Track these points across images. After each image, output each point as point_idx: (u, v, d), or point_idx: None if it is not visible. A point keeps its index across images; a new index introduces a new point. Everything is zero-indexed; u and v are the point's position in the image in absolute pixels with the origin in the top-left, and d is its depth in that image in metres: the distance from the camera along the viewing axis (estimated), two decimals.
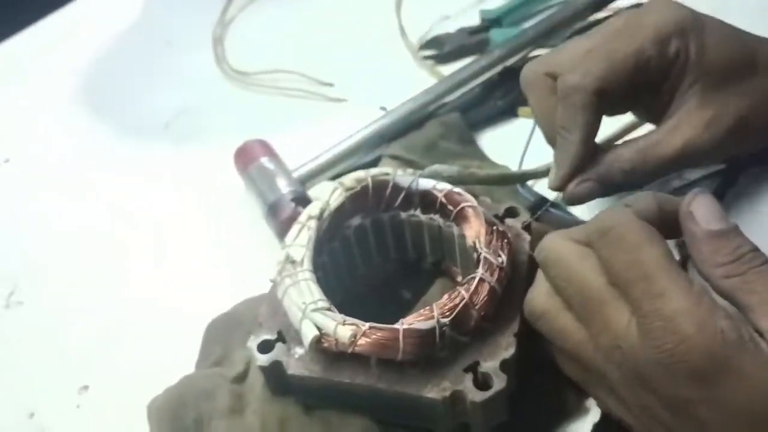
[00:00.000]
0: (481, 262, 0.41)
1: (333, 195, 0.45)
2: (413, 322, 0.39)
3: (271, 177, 0.57)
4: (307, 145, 0.61)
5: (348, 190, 0.46)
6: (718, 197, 0.49)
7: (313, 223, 0.44)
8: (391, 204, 0.46)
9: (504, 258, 0.41)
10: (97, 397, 0.51)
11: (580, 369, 0.38)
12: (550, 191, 0.46)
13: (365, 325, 0.39)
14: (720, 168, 0.52)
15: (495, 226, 0.42)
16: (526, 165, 0.50)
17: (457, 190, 0.44)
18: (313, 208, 0.45)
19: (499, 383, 0.38)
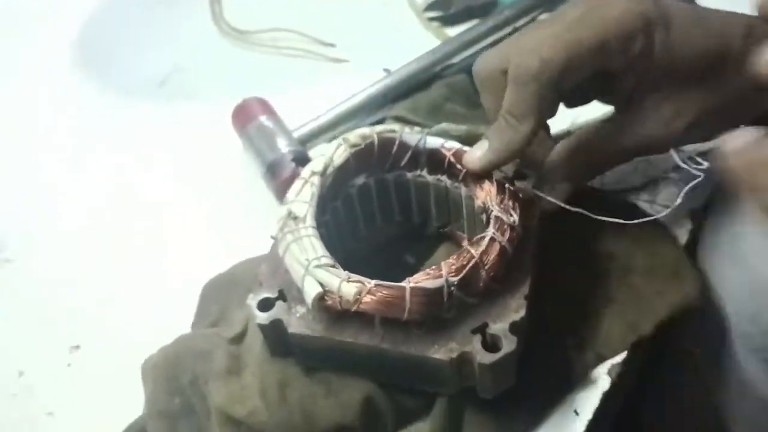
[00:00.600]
0: (492, 221, 0.39)
1: (337, 151, 0.44)
2: (420, 280, 0.37)
3: (271, 136, 0.56)
4: (306, 107, 0.60)
5: (353, 146, 0.44)
6: None
7: (316, 179, 0.43)
8: (397, 163, 0.45)
9: (516, 218, 0.39)
10: (89, 357, 0.50)
11: None
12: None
13: (371, 283, 0.37)
14: None
15: (506, 185, 0.41)
16: None
17: (466, 149, 0.43)
18: (317, 163, 0.43)
19: (508, 345, 0.37)
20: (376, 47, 0.66)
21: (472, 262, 0.38)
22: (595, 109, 0.46)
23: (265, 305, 0.40)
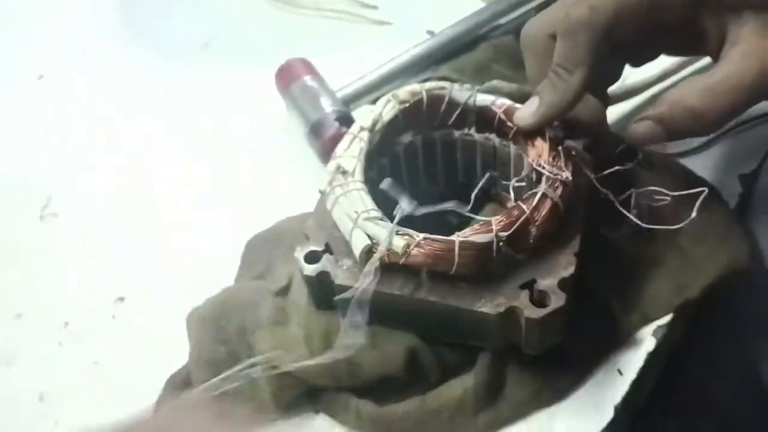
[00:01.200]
0: (543, 178, 0.39)
1: (386, 107, 0.44)
2: (469, 235, 0.37)
3: (315, 96, 0.56)
4: (349, 70, 0.59)
5: (402, 103, 0.44)
6: None
7: (365, 134, 0.43)
8: (445, 121, 0.45)
9: (568, 174, 0.39)
10: (133, 309, 0.51)
11: None
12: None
13: (419, 236, 0.37)
14: None
15: (559, 143, 0.41)
16: None
17: (518, 106, 0.42)
18: (365, 119, 0.43)
19: (557, 301, 0.36)
20: (419, 9, 0.65)
21: (523, 218, 0.37)
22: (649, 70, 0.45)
23: (311, 258, 0.40)
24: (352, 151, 0.42)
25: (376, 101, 0.45)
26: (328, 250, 0.41)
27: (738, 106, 0.39)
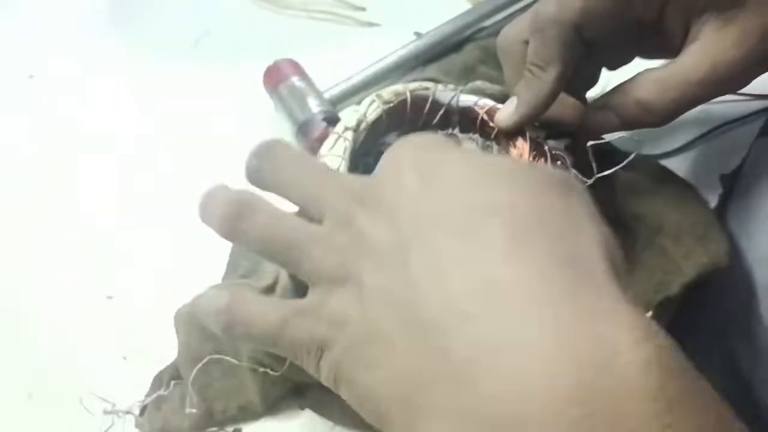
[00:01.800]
0: None
1: (370, 107, 0.44)
2: None
3: (302, 96, 0.56)
4: (337, 71, 0.60)
5: (386, 103, 0.44)
6: (764, 133, 0.49)
7: (349, 134, 0.43)
8: (429, 121, 0.45)
9: None
10: (122, 307, 0.51)
11: None
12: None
13: None
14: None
15: (539, 144, 0.41)
16: None
17: (499, 106, 0.43)
18: (350, 119, 0.44)
19: None
20: (407, 11, 0.66)
21: None
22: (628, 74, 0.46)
23: None
24: (336, 150, 0.43)
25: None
26: None
27: (684, 101, 0.40)
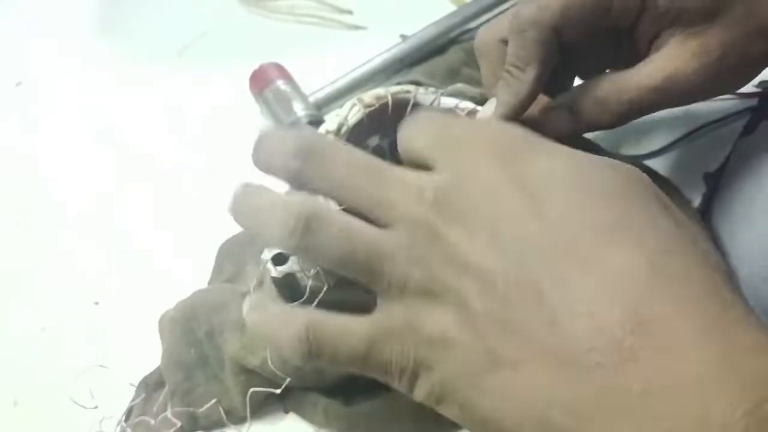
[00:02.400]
0: None
1: (351, 111, 0.44)
2: None
3: (287, 100, 0.56)
4: (324, 74, 0.60)
5: (367, 107, 0.44)
6: (747, 132, 0.49)
7: (330, 137, 0.43)
8: None
9: None
10: (108, 313, 0.51)
11: None
12: None
13: None
14: (751, 104, 0.51)
15: None
16: None
17: (480, 108, 0.43)
18: (331, 123, 0.44)
19: None
20: (394, 14, 0.66)
21: None
22: None
23: (279, 260, 0.41)
24: None
25: None
26: None
27: (639, 105, 0.39)
